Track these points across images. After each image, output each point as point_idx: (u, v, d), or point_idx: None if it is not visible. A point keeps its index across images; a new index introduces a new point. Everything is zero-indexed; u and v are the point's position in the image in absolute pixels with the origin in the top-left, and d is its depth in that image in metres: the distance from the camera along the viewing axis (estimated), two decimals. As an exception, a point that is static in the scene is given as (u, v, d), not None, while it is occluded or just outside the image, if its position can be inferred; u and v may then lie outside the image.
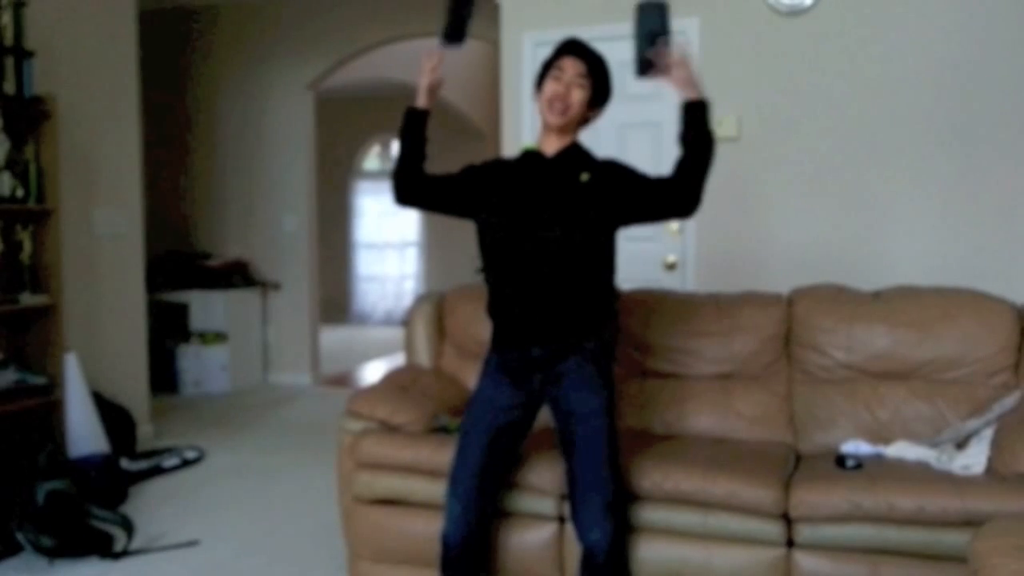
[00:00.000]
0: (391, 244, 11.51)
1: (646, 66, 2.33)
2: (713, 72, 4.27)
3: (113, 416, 4.45)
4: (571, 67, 2.40)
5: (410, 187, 2.56)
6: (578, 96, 2.40)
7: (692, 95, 2.30)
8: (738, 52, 4.25)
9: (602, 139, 3.31)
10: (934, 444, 2.75)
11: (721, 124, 4.20)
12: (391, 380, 3.28)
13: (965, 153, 3.95)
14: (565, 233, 2.36)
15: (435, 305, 3.56)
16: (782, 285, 3.32)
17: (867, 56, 4.07)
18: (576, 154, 2.45)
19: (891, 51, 4.04)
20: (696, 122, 2.31)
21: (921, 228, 4.02)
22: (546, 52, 2.51)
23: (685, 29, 4.28)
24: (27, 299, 3.85)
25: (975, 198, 3.94)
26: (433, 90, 2.52)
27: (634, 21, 2.34)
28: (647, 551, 2.59)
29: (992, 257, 3.90)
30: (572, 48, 2.43)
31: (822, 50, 4.13)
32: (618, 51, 3.12)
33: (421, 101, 2.52)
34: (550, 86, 2.41)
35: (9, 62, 3.82)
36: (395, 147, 2.60)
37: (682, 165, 2.33)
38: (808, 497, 2.46)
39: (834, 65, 4.11)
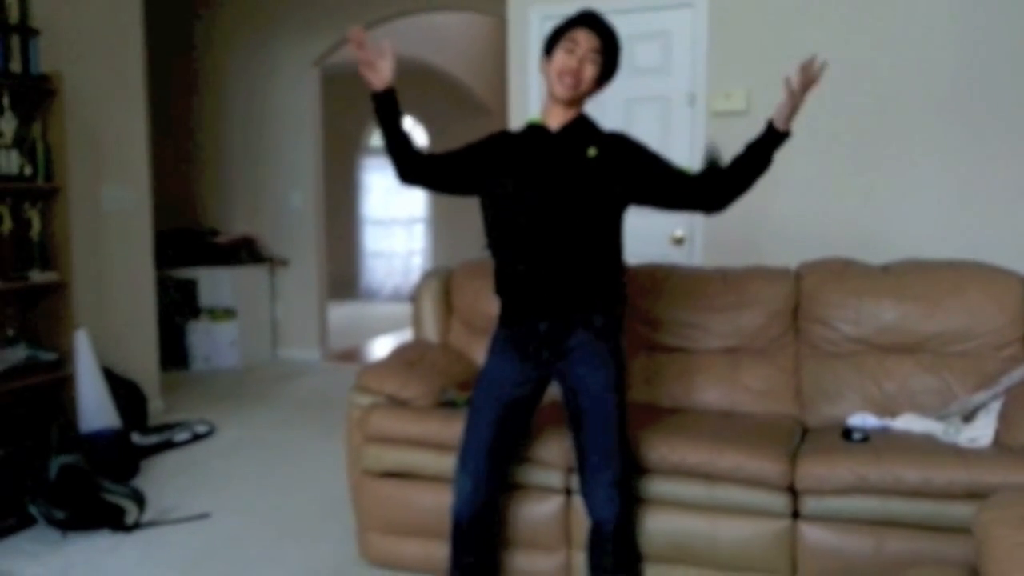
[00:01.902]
0: (398, 220, 11.50)
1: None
2: (722, 45, 4.24)
3: (124, 391, 4.49)
4: (586, 41, 2.36)
5: (409, 166, 2.50)
6: (590, 72, 2.36)
7: (785, 125, 2.27)
8: (747, 25, 4.21)
9: (608, 113, 3.29)
10: (941, 417, 2.75)
11: (730, 97, 4.18)
12: (399, 355, 3.29)
13: (976, 126, 3.92)
14: (572, 209, 2.35)
15: (442, 281, 3.57)
16: (790, 259, 3.31)
17: (879, 28, 4.03)
18: (583, 127, 2.43)
19: (903, 23, 4.00)
20: (770, 147, 2.29)
21: (931, 201, 4.00)
22: (552, 26, 2.45)
23: (694, 1, 4.24)
24: (37, 276, 3.87)
25: (985, 171, 3.92)
26: (372, 66, 2.39)
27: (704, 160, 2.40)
28: (654, 523, 2.61)
29: (1002, 230, 3.88)
30: (589, 21, 2.38)
31: (833, 22, 4.09)
32: (626, 24, 3.10)
33: (375, 82, 2.41)
34: (562, 58, 2.36)
35: (15, 40, 3.81)
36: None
37: (735, 170, 2.31)
38: (814, 469, 2.47)
39: (845, 38, 4.07)
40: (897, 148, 4.03)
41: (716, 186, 2.33)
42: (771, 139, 2.28)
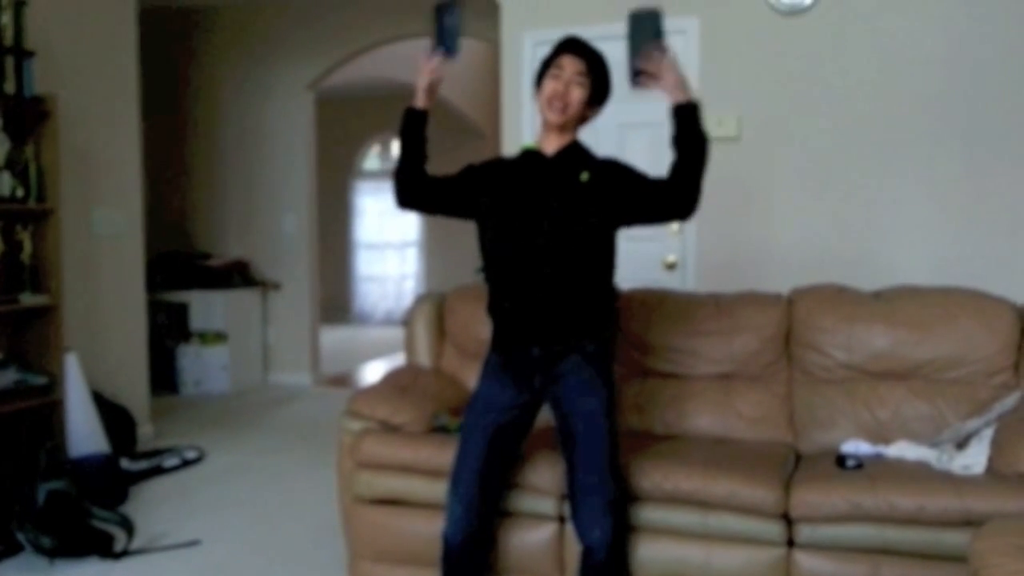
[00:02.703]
0: (391, 244, 11.51)
1: (638, 75, 2.32)
2: (713, 72, 4.27)
3: (113, 416, 4.45)
4: (570, 65, 2.40)
5: (412, 189, 2.54)
6: (577, 95, 2.40)
7: (681, 98, 2.29)
8: (738, 52, 4.25)
9: (601, 138, 3.31)
10: (934, 444, 2.75)
11: (721, 124, 4.20)
12: (391, 380, 3.28)
13: (966, 152, 3.95)
14: (565, 233, 2.36)
15: (435, 305, 3.56)
16: (782, 285, 3.32)
17: (867, 55, 4.07)
18: (576, 153, 2.45)
19: (891, 50, 4.04)
20: (688, 124, 2.30)
21: (922, 228, 4.02)
22: (546, 51, 2.50)
23: (685, 28, 4.28)
24: (27, 299, 3.84)
25: (976, 197, 3.94)
26: (432, 90, 2.50)
27: (627, 31, 2.33)
28: (647, 551, 2.59)
29: (993, 257, 3.90)
30: (571, 46, 2.43)
31: (822, 49, 4.13)
32: (618, 50, 3.11)
33: (420, 101, 2.50)
34: (549, 84, 2.40)
35: (9, 62, 3.81)
36: (395, 148, 2.58)
37: (677, 168, 2.32)
38: (808, 497, 2.46)
39: (834, 64, 4.11)
40: (888, 175, 4.06)
41: (676, 182, 2.32)
42: (683, 117, 2.30)
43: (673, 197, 2.34)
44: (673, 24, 4.21)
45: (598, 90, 2.44)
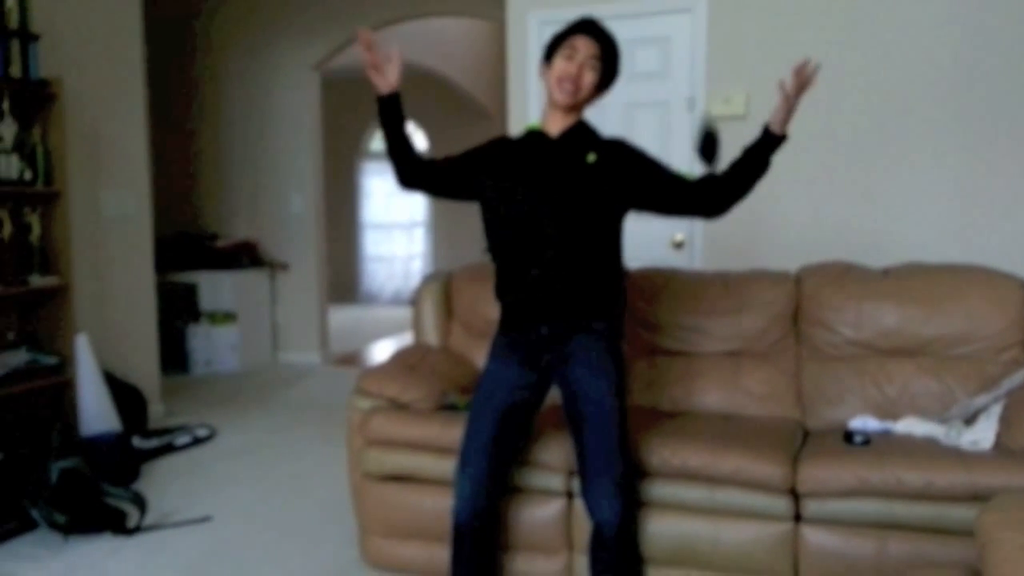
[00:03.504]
0: (399, 224, 11.51)
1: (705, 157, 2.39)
2: (721, 49, 4.25)
3: (124, 395, 4.49)
4: (585, 48, 2.37)
5: (410, 170, 2.53)
6: (589, 78, 2.38)
7: (782, 129, 2.29)
8: (746, 28, 4.22)
9: (608, 118, 3.30)
10: (942, 420, 2.76)
11: (729, 101, 4.19)
12: (400, 359, 3.29)
13: (976, 129, 3.92)
14: (571, 215, 2.36)
15: (443, 285, 3.57)
16: (790, 263, 3.31)
17: (879, 31, 4.03)
18: (582, 133, 2.44)
19: (904, 26, 4.00)
20: (767, 151, 2.30)
21: (931, 205, 4.01)
22: (551, 31, 2.48)
23: (693, 6, 4.25)
24: (37, 281, 3.87)
25: (986, 174, 3.92)
26: (379, 70, 2.43)
27: (699, 140, 2.42)
28: (656, 526, 2.61)
29: (1002, 233, 3.88)
30: (588, 28, 2.40)
31: (833, 26, 4.10)
32: (626, 30, 3.11)
33: (381, 86, 2.45)
34: (561, 64, 2.37)
35: (15, 45, 3.82)
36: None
37: (732, 176, 2.32)
38: (816, 472, 2.47)
39: (843, 41, 4.08)
40: (897, 151, 4.04)
41: (715, 191, 2.35)
42: (768, 143, 2.29)
43: (710, 199, 2.36)
44: (681, 1, 4.22)
45: (608, 74, 2.43)
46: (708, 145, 2.39)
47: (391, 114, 2.48)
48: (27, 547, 3.28)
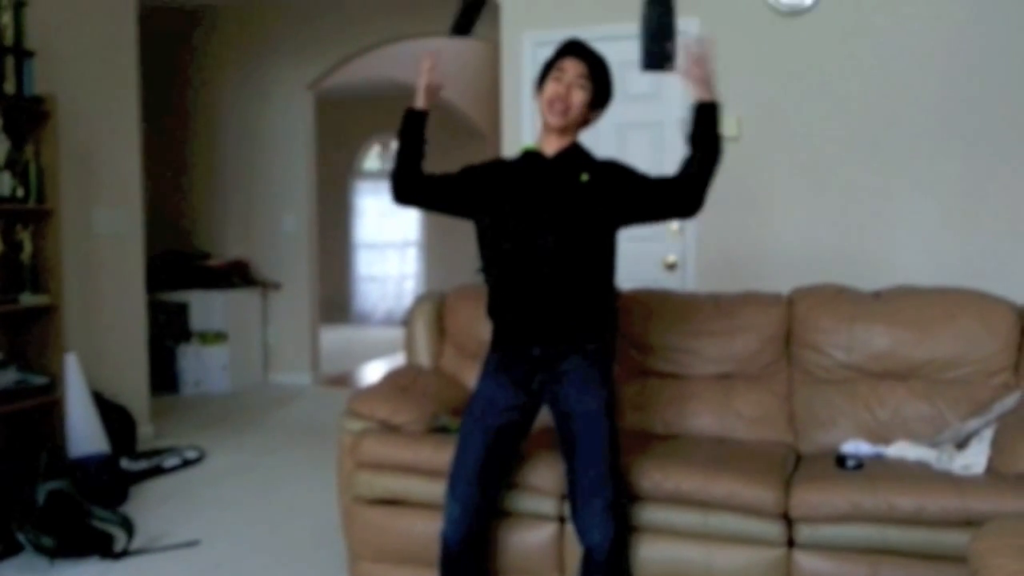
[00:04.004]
0: (391, 244, 11.51)
1: (657, 59, 2.31)
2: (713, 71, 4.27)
3: (113, 416, 4.45)
4: (572, 68, 2.40)
5: (408, 186, 2.56)
6: (579, 97, 2.40)
7: (706, 96, 2.29)
8: (738, 52, 4.25)
9: (602, 139, 3.31)
10: (934, 444, 2.75)
11: (721, 124, 4.20)
12: (391, 380, 3.28)
13: (966, 152, 3.95)
14: (565, 234, 2.36)
15: (435, 305, 3.56)
16: (782, 285, 3.32)
17: (868, 56, 4.07)
18: (576, 155, 2.45)
19: (892, 51, 4.04)
20: (707, 123, 2.30)
21: (922, 228, 4.02)
22: (546, 52, 2.51)
23: (686, 29, 4.27)
24: (27, 299, 3.85)
25: (976, 198, 3.94)
26: (432, 90, 2.52)
27: (641, 14, 2.33)
28: (648, 551, 2.59)
29: (993, 257, 3.90)
30: (573, 49, 2.43)
31: (822, 50, 4.13)
32: (619, 51, 3.13)
33: (420, 102, 2.53)
34: (551, 87, 2.40)
35: (9, 62, 3.82)
36: (394, 146, 2.59)
37: (689, 165, 2.32)
38: (808, 497, 2.46)
39: (834, 65, 4.11)
40: (889, 175, 4.06)
41: (683, 182, 2.34)
42: (703, 115, 2.29)
43: (680, 194, 2.35)
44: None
45: (600, 93, 2.45)
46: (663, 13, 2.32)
47: (418, 128, 2.54)
48: (13, 571, 3.24)
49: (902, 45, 4.02)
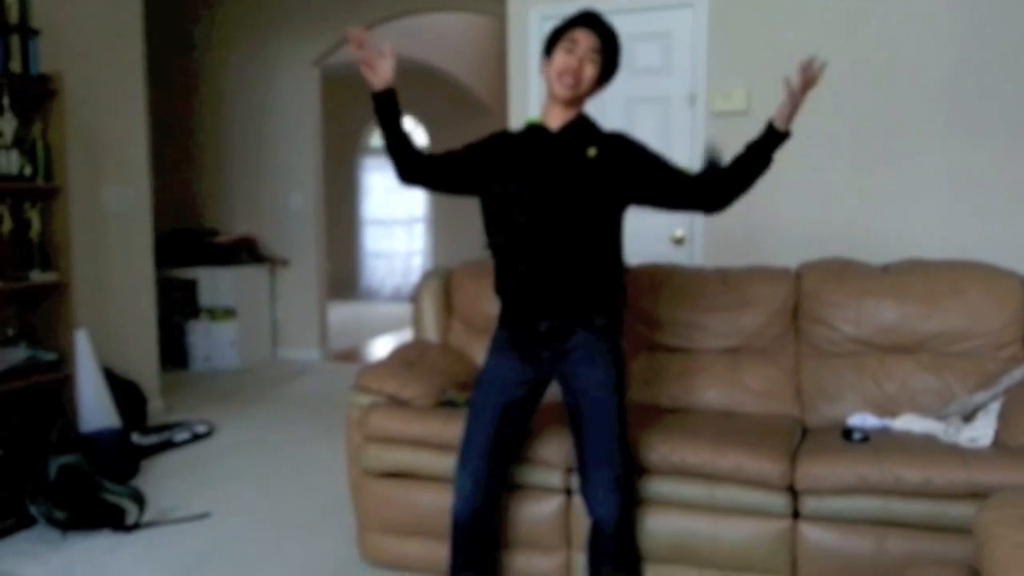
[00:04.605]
0: (398, 220, 11.50)
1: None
2: (722, 45, 4.24)
3: (124, 391, 4.49)
4: (585, 40, 2.36)
5: (410, 166, 2.50)
6: (590, 72, 2.36)
7: (786, 126, 2.27)
8: (748, 25, 4.21)
9: (608, 113, 3.29)
10: (941, 417, 2.75)
11: (730, 97, 4.18)
12: (399, 355, 3.29)
13: (976, 125, 3.92)
14: (572, 210, 2.35)
15: (443, 281, 3.57)
16: (790, 259, 3.31)
17: (878, 29, 4.03)
18: (582, 127, 2.43)
19: (903, 24, 3.99)
20: (770, 147, 2.29)
21: (931, 201, 4.00)
22: (552, 26, 2.46)
23: (694, 2, 4.25)
24: (37, 276, 3.86)
25: (986, 171, 3.91)
26: (372, 67, 2.39)
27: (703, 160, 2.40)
28: (655, 523, 2.61)
29: (1002, 230, 3.88)
30: (588, 21, 2.38)
31: (834, 22, 4.09)
32: (626, 23, 3.10)
33: (374, 83, 2.41)
34: (562, 57, 2.36)
35: (15, 40, 3.80)
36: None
37: (734, 171, 2.31)
38: (814, 469, 2.47)
39: (845, 38, 4.07)
40: (897, 148, 4.03)
41: (716, 186, 2.34)
42: (771, 139, 2.28)
43: (711, 193, 2.35)
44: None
45: (608, 67, 2.42)
46: (711, 170, 2.39)
47: (387, 110, 2.44)
48: (26, 544, 3.28)
49: (914, 17, 3.98)
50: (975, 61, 3.90)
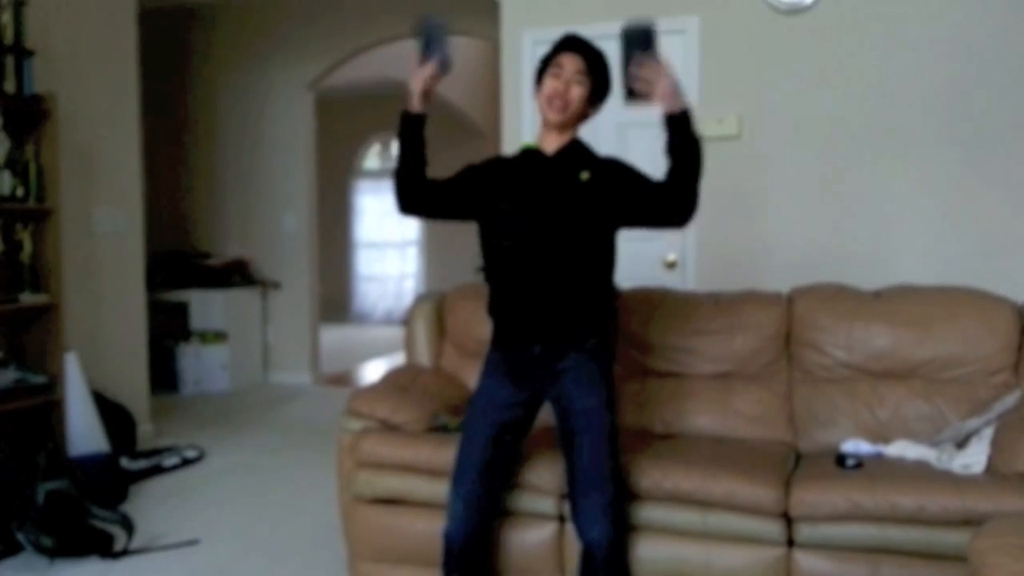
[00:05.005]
0: (391, 243, 11.51)
1: (632, 92, 2.30)
2: (714, 70, 4.27)
3: (113, 415, 4.45)
4: (570, 64, 2.39)
5: (414, 195, 2.51)
6: (577, 93, 2.39)
7: (674, 107, 2.26)
8: (738, 51, 4.25)
9: (601, 138, 3.31)
10: (934, 443, 2.75)
11: (722, 122, 4.20)
12: (391, 379, 3.27)
13: (966, 151, 3.94)
14: (565, 233, 2.36)
15: (435, 304, 3.56)
16: (782, 284, 3.31)
17: (868, 54, 4.06)
18: (576, 151, 2.45)
19: (892, 49, 4.03)
20: (681, 131, 2.28)
21: (922, 227, 4.02)
22: (545, 50, 2.50)
23: (685, 27, 4.27)
24: (27, 298, 3.84)
25: (977, 197, 3.94)
26: (427, 95, 2.45)
27: (620, 48, 2.30)
28: (647, 550, 2.59)
29: (993, 256, 3.89)
30: (571, 44, 2.43)
31: (822, 48, 4.12)
32: (618, 48, 3.12)
33: (415, 106, 2.46)
34: (549, 83, 2.40)
35: (9, 61, 3.81)
36: (395, 148, 2.56)
37: (672, 176, 2.31)
38: (808, 496, 2.46)
39: (835, 63, 4.10)
40: (890, 174, 4.05)
41: (671, 191, 2.32)
42: (678, 124, 2.27)
43: (669, 204, 2.34)
44: (674, 23, 4.23)
45: (598, 88, 2.44)
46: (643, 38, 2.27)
47: (416, 131, 2.47)
48: (12, 571, 3.23)
49: (902, 44, 4.02)
50: (966, 87, 3.94)
